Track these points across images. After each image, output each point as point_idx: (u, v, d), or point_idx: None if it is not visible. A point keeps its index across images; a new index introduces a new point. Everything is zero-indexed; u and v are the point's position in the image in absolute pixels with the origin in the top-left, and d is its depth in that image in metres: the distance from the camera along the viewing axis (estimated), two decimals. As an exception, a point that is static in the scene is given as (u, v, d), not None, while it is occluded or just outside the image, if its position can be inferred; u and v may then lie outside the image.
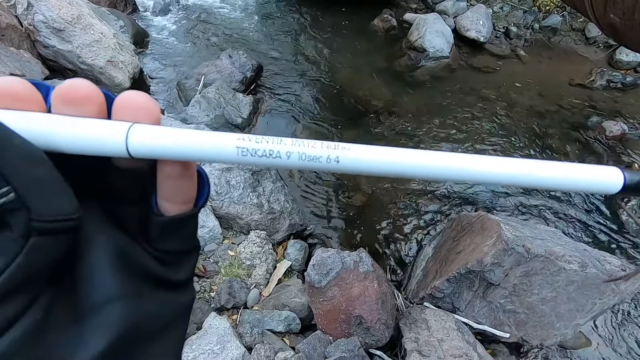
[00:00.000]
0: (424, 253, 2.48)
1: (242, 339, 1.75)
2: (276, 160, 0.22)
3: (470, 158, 0.23)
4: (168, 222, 0.25)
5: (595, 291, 1.80)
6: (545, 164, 0.23)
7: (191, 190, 0.25)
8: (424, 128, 3.64)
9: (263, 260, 2.27)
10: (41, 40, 2.80)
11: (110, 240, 0.22)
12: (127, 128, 0.21)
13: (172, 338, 0.25)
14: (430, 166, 0.23)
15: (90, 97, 0.21)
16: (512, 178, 0.23)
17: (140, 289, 0.23)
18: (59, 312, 0.20)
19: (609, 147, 3.41)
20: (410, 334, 1.75)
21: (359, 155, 0.23)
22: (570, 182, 0.24)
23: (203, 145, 0.21)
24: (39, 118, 0.20)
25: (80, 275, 0.21)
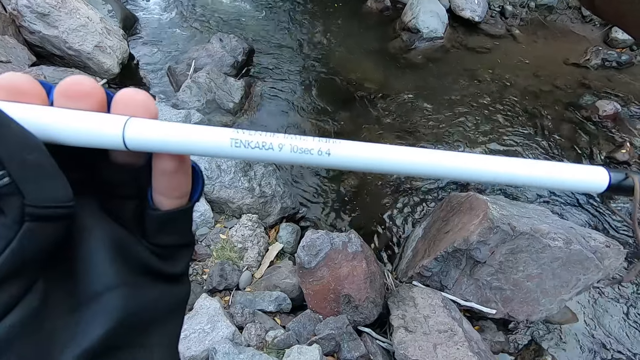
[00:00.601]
0: (414, 234, 2.51)
1: (233, 318, 1.79)
2: (268, 152, 0.23)
3: (460, 156, 0.24)
4: (163, 216, 0.25)
5: (579, 267, 1.83)
6: (532, 163, 0.24)
7: (186, 185, 0.26)
8: (418, 110, 3.62)
9: (255, 243, 2.29)
10: (26, 25, 2.76)
11: (108, 232, 0.23)
12: (125, 121, 0.21)
13: (168, 330, 0.26)
14: (422, 164, 0.23)
15: (91, 93, 0.22)
16: (499, 176, 0.24)
17: (138, 280, 0.23)
18: (57, 300, 0.20)
19: (602, 126, 3.41)
20: (398, 311, 1.79)
21: (351, 150, 0.23)
22: (557, 182, 0.24)
23: (197, 137, 0.22)
24: (39, 110, 0.21)
25: (78, 264, 0.21)
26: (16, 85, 0.21)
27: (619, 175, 0.25)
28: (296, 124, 3.43)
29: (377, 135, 3.39)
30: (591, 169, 0.24)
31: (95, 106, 0.22)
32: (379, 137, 3.38)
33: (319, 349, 1.59)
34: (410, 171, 0.24)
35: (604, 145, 3.25)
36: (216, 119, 3.30)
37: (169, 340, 0.26)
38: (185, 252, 0.28)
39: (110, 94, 0.23)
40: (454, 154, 0.24)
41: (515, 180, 0.24)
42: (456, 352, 1.56)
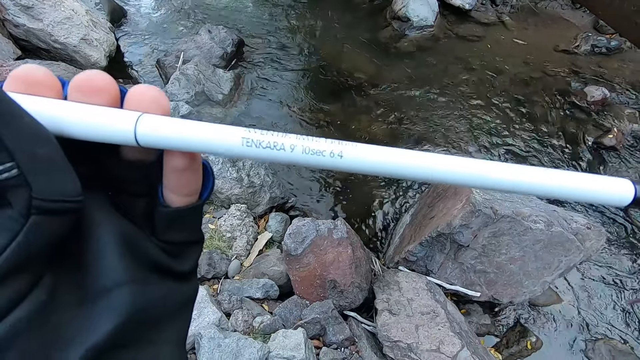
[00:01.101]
0: (402, 221, 2.53)
1: (220, 305, 1.82)
2: (280, 152, 0.22)
3: (480, 164, 0.23)
4: (174, 213, 0.25)
5: (560, 249, 1.86)
6: (555, 174, 0.23)
7: (196, 182, 0.26)
8: (408, 99, 3.63)
9: (243, 233, 2.31)
10: (10, 18, 2.74)
11: (117, 228, 0.23)
12: (137, 117, 0.21)
13: (176, 327, 0.26)
14: (436, 170, 0.22)
15: (105, 88, 0.22)
16: (518, 186, 0.23)
17: (147, 276, 0.23)
18: (65, 294, 0.20)
19: (591, 112, 3.43)
20: (383, 295, 1.82)
21: (364, 153, 0.23)
22: (580, 193, 0.23)
23: (209, 135, 0.22)
24: (53, 103, 0.21)
25: (87, 259, 0.21)
26: (33, 78, 0.21)
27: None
28: (287, 115, 3.43)
29: (368, 124, 3.40)
30: (615, 181, 0.23)
31: (109, 101, 0.22)
32: (370, 127, 3.39)
33: (304, 332, 1.62)
34: (424, 177, 0.23)
35: (592, 130, 3.27)
36: (205, 110, 3.30)
37: (177, 337, 0.26)
38: (194, 250, 0.28)
39: (124, 90, 0.23)
40: (474, 161, 0.23)
41: (534, 191, 0.23)
42: (437, 332, 1.59)
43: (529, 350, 2.14)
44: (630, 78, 3.73)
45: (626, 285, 2.40)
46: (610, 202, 0.23)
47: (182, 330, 0.27)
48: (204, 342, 1.51)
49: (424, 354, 1.53)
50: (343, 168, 0.23)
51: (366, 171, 0.23)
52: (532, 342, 2.15)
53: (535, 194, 0.24)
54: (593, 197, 0.23)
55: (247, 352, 1.52)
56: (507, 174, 0.23)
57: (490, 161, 0.23)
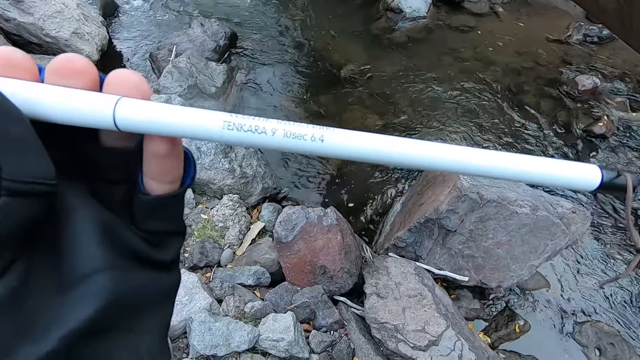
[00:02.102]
0: (393, 209, 2.56)
1: (212, 292, 1.85)
2: (261, 136, 0.22)
3: (454, 149, 0.23)
4: (154, 201, 0.25)
5: (546, 233, 1.89)
6: (525, 159, 0.23)
7: (177, 169, 0.25)
8: (401, 90, 3.65)
9: (236, 222, 2.34)
10: (1, 13, 2.74)
11: (96, 215, 0.22)
12: (116, 100, 0.21)
13: (157, 317, 0.25)
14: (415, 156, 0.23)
15: (83, 71, 0.21)
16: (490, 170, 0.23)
17: (125, 264, 0.23)
18: (42, 281, 0.19)
19: (581, 101, 3.45)
20: (372, 279, 1.85)
21: (345, 138, 0.23)
22: (548, 178, 0.24)
23: (190, 119, 0.22)
24: (28, 85, 0.20)
25: (64, 245, 0.21)
26: (8, 59, 0.20)
27: (611, 173, 0.24)
28: (280, 107, 3.45)
29: (360, 115, 3.42)
30: (583, 167, 0.24)
31: (88, 85, 0.21)
32: (363, 117, 3.41)
33: (293, 316, 1.66)
34: (404, 163, 0.23)
35: (582, 119, 3.29)
36: (198, 103, 3.31)
37: (159, 326, 0.26)
38: (175, 240, 0.28)
39: (103, 76, 0.23)
40: (450, 147, 0.23)
41: (509, 175, 0.24)
42: (423, 314, 1.62)
43: (517, 333, 2.18)
44: (621, 67, 3.76)
45: (612, 269, 2.44)
46: (578, 187, 0.24)
47: (163, 320, 0.26)
48: (194, 325, 1.55)
49: (410, 334, 1.56)
50: (324, 153, 0.23)
51: (348, 156, 0.23)
52: (520, 326, 2.19)
53: (504, 178, 0.24)
54: (561, 181, 0.24)
55: (237, 335, 1.56)
56: (479, 159, 0.23)
57: (464, 146, 0.24)
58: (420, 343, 1.57)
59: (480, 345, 1.73)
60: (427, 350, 1.55)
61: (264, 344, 1.62)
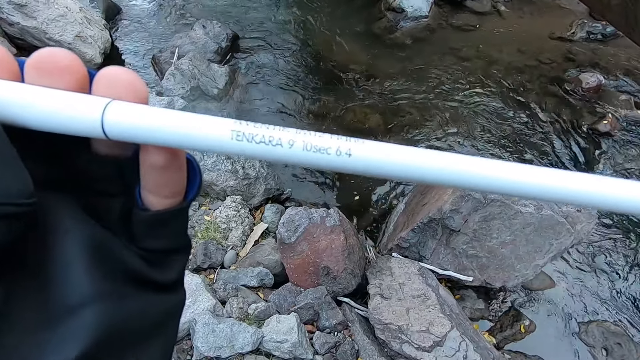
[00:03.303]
0: (396, 209, 2.55)
1: (215, 293, 1.85)
2: (276, 148, 0.19)
3: (508, 167, 0.20)
4: (153, 218, 0.22)
5: (551, 232, 1.88)
6: (581, 177, 0.20)
7: (179, 181, 0.22)
8: (403, 90, 3.64)
9: (239, 224, 2.34)
10: (4, 17, 2.77)
11: (87, 236, 0.19)
12: (105, 104, 0.18)
13: (159, 342, 0.23)
14: (457, 173, 0.19)
15: (68, 68, 0.18)
16: (545, 192, 0.20)
17: (121, 289, 0.20)
18: (24, 314, 0.17)
19: (585, 98, 3.42)
20: (375, 280, 1.84)
21: (377, 152, 0.19)
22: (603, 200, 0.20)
23: (192, 127, 0.18)
24: (2, 85, 0.17)
25: (49, 272, 0.18)
26: None
27: None
28: (282, 107, 3.45)
29: (363, 115, 3.41)
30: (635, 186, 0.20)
31: (73, 84, 0.18)
32: (365, 117, 3.40)
33: (297, 317, 1.65)
34: (446, 182, 0.20)
35: (587, 117, 3.27)
36: (201, 105, 3.32)
37: (161, 353, 0.23)
38: (178, 258, 0.25)
39: (93, 73, 0.20)
40: (499, 163, 0.20)
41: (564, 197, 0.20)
42: (427, 315, 1.61)
43: (523, 333, 2.16)
44: (625, 64, 3.73)
45: (618, 268, 2.42)
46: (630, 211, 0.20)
47: (166, 345, 0.24)
48: (198, 327, 1.55)
49: (414, 335, 1.55)
50: (351, 169, 0.19)
51: (380, 173, 0.20)
52: (525, 326, 2.17)
53: (560, 201, 0.20)
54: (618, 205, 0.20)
55: (241, 337, 1.56)
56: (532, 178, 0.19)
57: (520, 164, 0.20)
58: (424, 344, 1.56)
59: (485, 345, 1.72)
60: (431, 351, 1.54)
61: (267, 345, 1.62)
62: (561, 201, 0.20)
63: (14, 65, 0.18)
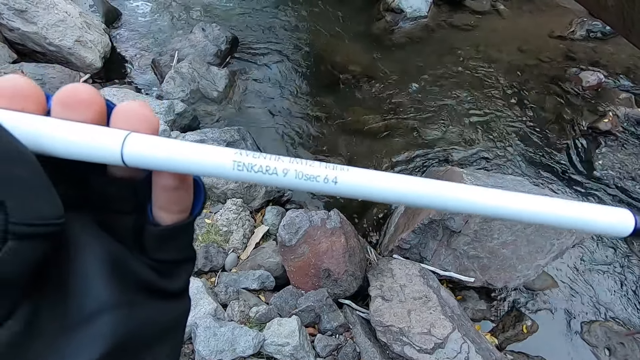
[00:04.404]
0: (397, 210, 2.55)
1: (217, 297, 1.85)
2: (272, 177, 0.22)
3: (479, 191, 0.22)
4: (164, 232, 0.24)
5: (552, 232, 1.87)
6: (554, 202, 0.22)
7: (187, 199, 0.25)
8: (403, 91, 3.63)
9: (240, 226, 2.34)
10: (5, 23, 2.78)
11: (103, 249, 0.22)
12: (124, 136, 0.21)
13: (167, 347, 0.25)
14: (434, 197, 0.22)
15: (90, 102, 0.21)
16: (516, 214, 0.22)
17: (134, 298, 0.22)
18: (45, 323, 0.19)
19: (586, 97, 3.42)
20: (376, 282, 1.84)
21: (360, 179, 0.22)
22: (579, 223, 0.22)
23: (199, 157, 0.21)
24: (35, 119, 0.20)
25: (70, 284, 0.20)
26: (15, 89, 0.20)
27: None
28: (282, 110, 3.45)
29: (363, 116, 3.41)
30: (616, 212, 0.22)
31: (95, 116, 0.21)
32: (365, 118, 3.40)
33: (298, 320, 1.65)
34: (421, 203, 0.22)
35: (587, 115, 3.26)
36: (201, 108, 3.33)
37: (169, 357, 0.25)
38: (185, 268, 0.28)
39: (111, 105, 0.22)
40: (478, 189, 0.22)
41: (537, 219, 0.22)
42: (429, 316, 1.61)
43: (525, 334, 2.16)
44: (625, 62, 3.71)
45: (620, 267, 2.41)
46: (610, 233, 0.23)
47: (173, 349, 0.26)
48: (199, 331, 1.55)
49: (416, 337, 1.55)
50: (338, 193, 0.22)
51: (363, 197, 0.22)
52: (527, 326, 2.17)
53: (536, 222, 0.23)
54: (592, 227, 0.22)
55: (242, 340, 1.56)
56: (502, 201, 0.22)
57: (490, 189, 0.22)
58: (426, 346, 1.56)
59: (487, 347, 1.72)
60: (433, 353, 1.54)
61: (269, 348, 1.62)
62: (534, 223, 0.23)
63: (42, 98, 0.21)
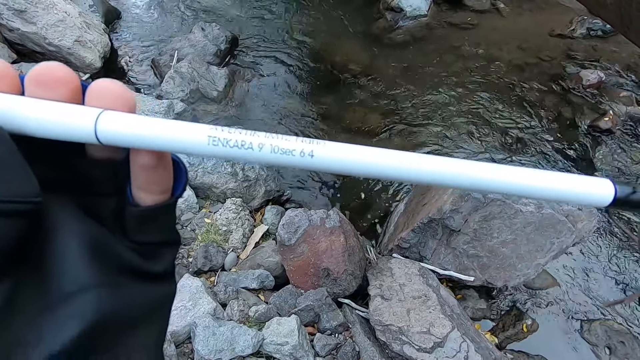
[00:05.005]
0: (397, 210, 2.55)
1: (216, 296, 1.85)
2: (248, 151, 0.21)
3: (457, 163, 0.22)
4: (144, 213, 0.24)
5: (552, 231, 1.87)
6: (533, 173, 0.22)
7: (167, 179, 0.25)
8: (403, 89, 3.63)
9: (239, 226, 2.34)
10: (4, 23, 2.78)
11: (84, 230, 0.21)
12: (98, 114, 0.20)
13: (151, 329, 0.25)
14: (407, 169, 0.22)
15: (64, 80, 0.21)
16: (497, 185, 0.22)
17: (115, 279, 0.22)
18: (26, 301, 0.19)
19: (586, 96, 3.41)
20: (376, 281, 1.84)
21: (336, 152, 0.22)
22: (558, 193, 0.22)
23: (174, 133, 0.21)
24: (7, 98, 0.20)
25: (51, 263, 0.20)
26: None
27: (626, 188, 0.22)
28: (282, 109, 3.45)
29: (363, 115, 3.41)
30: (596, 181, 0.22)
31: (69, 95, 0.21)
32: (365, 117, 3.40)
33: (297, 319, 1.65)
34: (397, 177, 0.22)
35: (588, 114, 3.25)
36: (201, 108, 3.33)
37: (154, 339, 0.25)
38: (169, 250, 0.27)
39: (85, 85, 0.22)
40: (451, 160, 0.22)
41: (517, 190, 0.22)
42: (428, 315, 1.61)
43: (525, 333, 2.15)
44: (626, 60, 3.70)
45: (621, 265, 2.41)
46: (590, 203, 0.23)
47: (158, 333, 0.26)
48: (198, 330, 1.55)
49: (415, 336, 1.55)
50: (315, 167, 0.22)
51: (340, 171, 0.22)
52: (527, 325, 2.16)
53: (513, 194, 0.23)
54: (572, 197, 0.22)
55: (241, 340, 1.56)
56: (484, 173, 0.22)
57: (467, 160, 0.22)
58: (425, 345, 1.56)
59: (487, 346, 1.71)
60: (432, 352, 1.54)
61: (268, 347, 1.62)
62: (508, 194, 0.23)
63: (15, 79, 0.21)
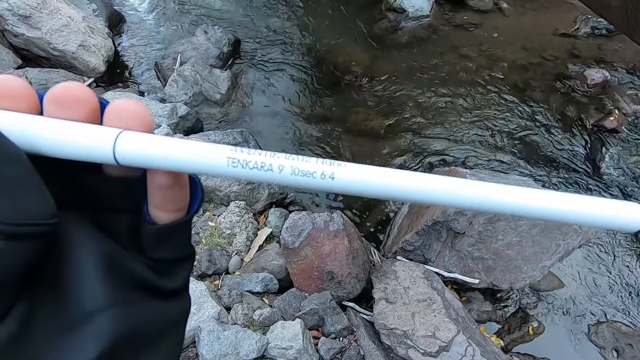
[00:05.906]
0: (400, 212, 2.54)
1: (220, 300, 1.85)
2: (267, 173, 0.21)
3: (481, 186, 0.22)
4: (160, 231, 0.24)
5: (557, 233, 1.85)
6: (561, 197, 0.21)
7: (183, 198, 0.25)
8: (406, 90, 3.62)
9: (243, 229, 2.35)
10: (9, 29, 2.80)
11: (100, 248, 0.21)
12: (116, 135, 0.20)
13: (167, 345, 0.24)
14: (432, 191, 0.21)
15: (82, 100, 0.21)
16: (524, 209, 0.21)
17: (131, 297, 0.22)
18: (42, 322, 0.19)
19: (591, 95, 3.38)
20: (380, 284, 1.83)
21: (357, 174, 0.21)
22: (586, 218, 0.21)
23: (193, 155, 0.21)
24: (26, 118, 0.20)
25: (67, 283, 0.20)
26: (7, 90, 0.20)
27: None
28: (285, 111, 3.45)
29: (365, 116, 3.40)
30: (622, 206, 0.21)
31: (87, 114, 0.21)
32: (368, 119, 3.39)
33: (302, 323, 1.65)
34: (418, 199, 0.22)
35: (593, 113, 3.23)
36: (204, 110, 3.34)
37: (169, 355, 0.25)
38: (184, 266, 0.27)
39: (104, 103, 0.22)
40: (471, 182, 0.22)
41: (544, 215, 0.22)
42: (433, 319, 1.60)
43: (531, 335, 2.14)
44: (631, 59, 3.67)
45: (627, 267, 2.38)
46: (618, 227, 0.22)
47: (173, 348, 0.26)
48: (203, 335, 1.55)
49: (420, 340, 1.54)
50: (336, 190, 0.22)
51: (361, 193, 0.22)
52: (534, 328, 2.14)
53: (539, 218, 0.22)
54: (599, 222, 0.22)
55: (246, 344, 1.56)
56: (509, 197, 0.21)
57: (492, 184, 0.22)
58: (430, 349, 1.55)
59: (493, 349, 1.70)
60: (437, 356, 1.53)
61: (272, 352, 1.62)
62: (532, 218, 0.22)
63: (34, 98, 0.21)
